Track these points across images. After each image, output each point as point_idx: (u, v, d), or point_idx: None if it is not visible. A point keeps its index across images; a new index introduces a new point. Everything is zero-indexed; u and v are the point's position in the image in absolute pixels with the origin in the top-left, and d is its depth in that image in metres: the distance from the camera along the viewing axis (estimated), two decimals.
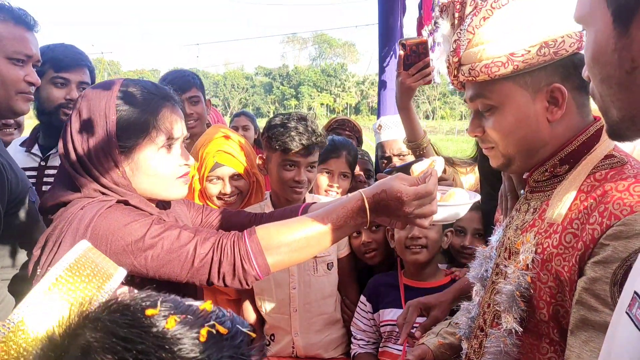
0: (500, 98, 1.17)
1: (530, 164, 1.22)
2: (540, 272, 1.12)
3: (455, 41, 1.20)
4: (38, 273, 1.30)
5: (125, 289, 1.10)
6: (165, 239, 1.28)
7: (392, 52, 3.42)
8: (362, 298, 2.22)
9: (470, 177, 2.63)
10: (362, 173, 2.74)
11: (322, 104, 79.35)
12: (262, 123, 2.92)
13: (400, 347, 2.04)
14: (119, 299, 0.73)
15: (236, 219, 1.68)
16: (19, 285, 1.63)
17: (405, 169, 2.29)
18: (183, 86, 2.76)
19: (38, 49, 1.83)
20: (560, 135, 1.17)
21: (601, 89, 0.79)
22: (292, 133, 2.11)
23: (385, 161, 2.71)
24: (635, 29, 0.70)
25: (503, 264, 1.26)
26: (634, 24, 0.70)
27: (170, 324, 0.69)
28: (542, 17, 1.14)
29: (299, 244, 1.28)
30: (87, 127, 1.37)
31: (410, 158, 2.61)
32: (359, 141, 3.29)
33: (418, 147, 2.19)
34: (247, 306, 2.37)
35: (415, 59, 2.05)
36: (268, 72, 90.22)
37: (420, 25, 3.11)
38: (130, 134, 1.37)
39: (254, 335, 0.75)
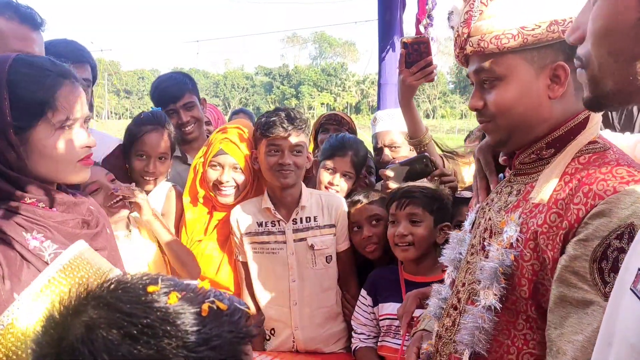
0: (505, 71, 1.19)
1: (524, 141, 1.25)
2: (524, 250, 1.15)
3: (467, 12, 1.22)
4: None
5: None
6: None
7: (390, 48, 3.42)
8: (363, 292, 2.21)
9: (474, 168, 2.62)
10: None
11: (322, 104, 79.33)
12: None
13: (399, 342, 2.04)
14: (118, 279, 0.73)
15: None
16: None
17: (405, 167, 2.28)
18: (175, 94, 2.73)
19: (43, 48, 1.82)
20: (556, 114, 1.20)
21: (604, 60, 0.77)
22: (274, 118, 2.16)
23: (378, 152, 2.71)
24: None
25: (480, 244, 1.29)
26: None
27: (172, 300, 0.71)
28: None
29: None
30: None
31: (404, 148, 2.61)
32: (351, 133, 3.28)
33: (420, 144, 2.19)
34: (247, 300, 2.37)
35: (417, 57, 2.04)
36: (268, 71, 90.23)
37: (417, 22, 3.10)
38: (24, 114, 1.29)
39: (251, 312, 0.76)
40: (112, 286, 0.73)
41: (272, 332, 2.33)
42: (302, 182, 2.32)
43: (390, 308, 2.10)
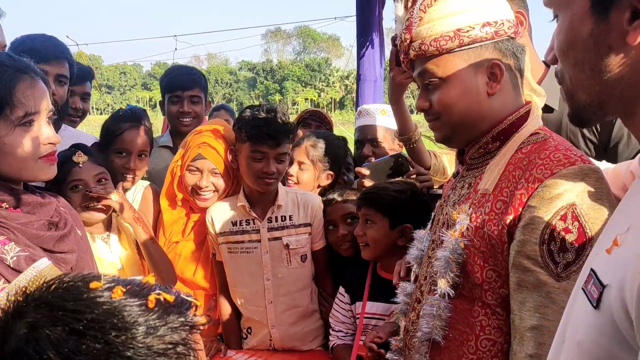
0: (446, 71, 1.27)
1: (469, 137, 1.33)
2: (474, 239, 1.22)
3: (408, 19, 1.31)
4: None
5: None
6: None
7: (370, 45, 3.41)
8: (341, 289, 2.21)
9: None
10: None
11: (306, 99, 79.21)
12: None
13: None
14: (59, 279, 0.73)
15: None
16: None
17: (381, 165, 2.28)
18: (186, 84, 2.81)
19: (3, 35, 1.79)
20: (496, 109, 1.28)
21: (573, 73, 0.80)
22: (261, 124, 2.09)
23: (360, 145, 2.70)
24: (614, 14, 0.71)
25: (439, 238, 1.34)
26: (614, 10, 0.70)
27: (116, 294, 0.71)
28: (485, 1, 1.28)
29: None
30: None
31: (385, 145, 2.60)
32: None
33: (409, 140, 2.20)
34: (223, 299, 2.36)
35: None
36: (252, 67, 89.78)
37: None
38: None
39: (198, 303, 0.78)
40: (53, 286, 0.73)
41: (249, 330, 2.33)
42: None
43: (368, 307, 2.10)
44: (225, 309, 2.35)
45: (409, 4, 1.33)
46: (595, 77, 0.76)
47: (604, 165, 1.58)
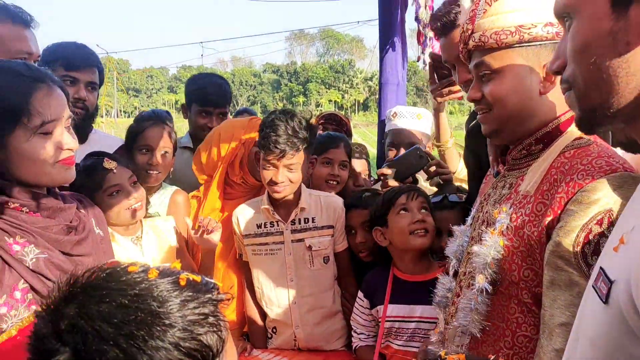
0: (502, 64, 1.30)
1: (516, 133, 1.35)
2: (514, 238, 1.26)
3: (472, 10, 1.35)
4: None
5: None
6: None
7: (391, 47, 3.42)
8: (360, 294, 2.23)
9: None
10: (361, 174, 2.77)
11: (330, 101, 79.22)
12: None
13: (400, 343, 2.07)
14: (98, 268, 0.83)
15: None
16: None
17: (401, 162, 2.32)
18: (219, 102, 2.88)
19: (37, 45, 1.85)
20: (545, 109, 1.31)
21: (588, 74, 0.81)
22: (272, 135, 2.10)
23: (394, 149, 2.72)
24: (634, 10, 0.73)
25: (479, 236, 1.38)
26: (634, 4, 0.73)
27: (152, 274, 0.82)
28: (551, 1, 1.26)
29: None
30: None
31: None
32: (348, 134, 3.31)
33: (440, 147, 2.44)
34: (248, 299, 2.41)
35: (447, 73, 2.14)
36: (276, 69, 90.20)
37: (417, 21, 3.14)
38: (1, 122, 1.30)
39: (220, 284, 0.88)
40: (94, 274, 0.82)
41: (274, 330, 2.37)
42: (302, 183, 2.34)
43: (389, 310, 2.12)
44: (251, 309, 2.41)
45: None
46: (610, 76, 0.77)
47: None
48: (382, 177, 2.36)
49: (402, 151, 2.62)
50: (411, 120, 2.73)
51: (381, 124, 3.44)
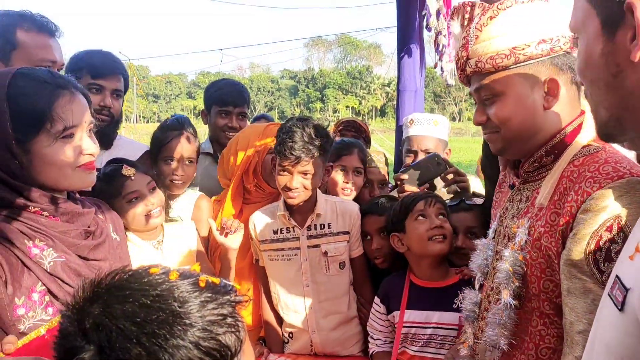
0: (502, 87, 1.32)
1: (524, 149, 1.37)
2: (532, 251, 1.28)
3: (464, 37, 1.37)
4: None
5: None
6: None
7: (409, 55, 3.44)
8: (376, 299, 2.24)
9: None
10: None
11: (347, 107, 79.27)
12: None
13: (416, 349, 2.07)
14: (121, 270, 0.87)
15: None
16: None
17: (419, 168, 2.33)
18: (237, 101, 2.97)
19: (61, 53, 1.89)
20: (552, 122, 1.32)
21: (591, 90, 0.87)
22: (288, 141, 2.12)
23: (412, 155, 2.73)
24: (620, 36, 0.78)
25: (502, 248, 1.39)
26: (620, 31, 0.78)
27: (173, 276, 0.85)
28: (541, 18, 1.31)
29: None
30: None
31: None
32: (367, 141, 3.32)
33: None
34: (265, 305, 2.43)
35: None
36: (293, 75, 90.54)
37: (428, 28, 3.16)
38: (24, 126, 1.33)
39: (238, 287, 0.93)
40: (117, 276, 0.86)
41: (291, 335, 2.39)
42: (318, 189, 2.36)
43: (406, 316, 2.13)
44: (268, 313, 2.43)
45: (465, 22, 1.39)
46: (609, 94, 0.83)
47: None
48: (399, 182, 2.37)
49: (420, 157, 2.63)
50: (428, 126, 2.74)
51: (399, 130, 3.45)
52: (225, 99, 2.97)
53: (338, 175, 2.52)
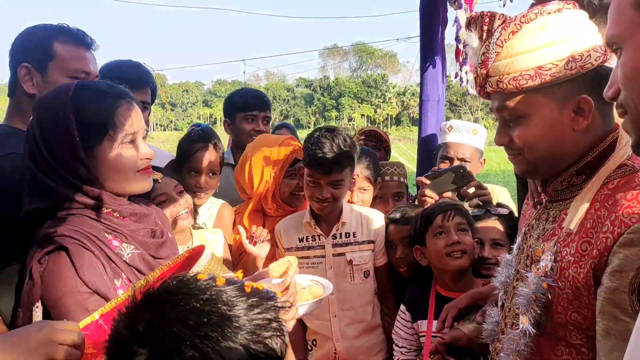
0: (527, 109, 1.20)
1: (552, 172, 1.27)
2: (559, 281, 1.18)
3: (483, 54, 1.24)
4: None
5: None
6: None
7: (432, 65, 3.46)
8: (402, 307, 2.24)
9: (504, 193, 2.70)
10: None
11: (362, 115, 79.26)
12: (302, 134, 3.07)
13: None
14: (173, 276, 0.90)
15: None
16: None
17: (442, 176, 2.32)
18: (261, 106, 3.09)
19: (96, 65, 1.94)
20: (583, 143, 1.21)
21: (638, 102, 0.83)
22: (318, 152, 2.14)
23: (447, 162, 2.72)
24: None
25: (524, 270, 1.31)
26: None
27: (220, 282, 0.88)
28: (569, 32, 1.18)
29: None
30: (49, 132, 1.43)
31: (472, 165, 2.64)
32: (387, 151, 3.33)
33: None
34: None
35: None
36: (309, 83, 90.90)
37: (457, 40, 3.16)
38: (90, 134, 1.42)
39: (279, 294, 0.95)
40: (166, 283, 0.89)
41: (314, 342, 2.40)
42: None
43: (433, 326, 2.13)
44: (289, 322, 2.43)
45: (484, 35, 1.26)
46: None
47: None
48: (420, 185, 2.38)
49: (456, 164, 2.63)
50: (467, 134, 2.74)
51: (422, 141, 3.48)
52: (250, 104, 3.07)
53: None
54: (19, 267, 1.51)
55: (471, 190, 2.33)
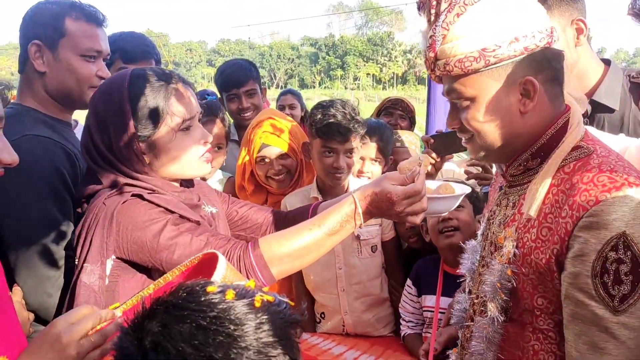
0: (474, 91, 1.20)
1: (506, 154, 1.26)
2: (522, 266, 1.18)
3: (431, 37, 1.23)
4: (76, 264, 1.41)
5: None
6: (178, 245, 1.35)
7: None
8: (409, 281, 2.27)
9: None
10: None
11: (368, 74, 78.37)
12: (306, 94, 3.00)
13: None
14: (180, 286, 0.87)
15: (254, 216, 1.76)
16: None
17: (447, 135, 2.26)
18: (240, 80, 2.90)
19: (107, 43, 1.91)
20: (533, 125, 1.20)
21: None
22: (331, 120, 2.15)
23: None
24: None
25: (488, 257, 1.32)
26: None
27: (229, 296, 0.84)
28: (513, 13, 1.17)
29: (299, 252, 1.39)
30: (105, 122, 1.44)
31: None
32: (412, 122, 3.26)
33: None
34: (297, 285, 2.47)
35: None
36: (314, 42, 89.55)
37: None
38: (146, 123, 1.42)
39: (292, 304, 0.91)
40: (176, 292, 0.86)
41: (322, 315, 2.43)
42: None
43: (432, 301, 2.15)
44: (300, 293, 2.47)
45: (432, 18, 1.24)
46: None
47: (623, 140, 1.51)
48: (425, 144, 2.36)
49: None
50: None
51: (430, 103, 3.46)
52: (228, 82, 2.94)
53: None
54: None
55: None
